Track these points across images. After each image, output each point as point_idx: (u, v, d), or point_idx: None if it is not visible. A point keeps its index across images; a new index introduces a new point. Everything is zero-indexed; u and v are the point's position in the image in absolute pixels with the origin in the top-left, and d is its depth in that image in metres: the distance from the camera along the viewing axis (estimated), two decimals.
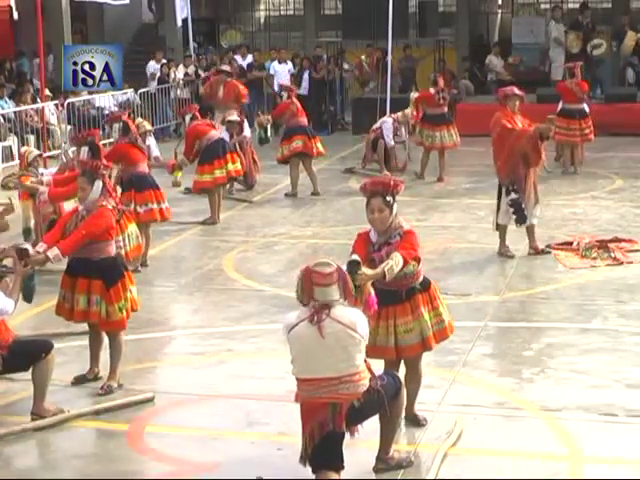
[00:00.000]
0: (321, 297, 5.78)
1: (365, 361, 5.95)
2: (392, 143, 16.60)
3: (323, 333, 5.75)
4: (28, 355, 7.15)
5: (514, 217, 11.22)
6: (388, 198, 6.56)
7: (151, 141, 12.54)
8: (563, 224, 12.90)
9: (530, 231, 11.41)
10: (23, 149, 12.06)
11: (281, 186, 15.91)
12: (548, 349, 8.53)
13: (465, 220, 13.33)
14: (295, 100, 15.72)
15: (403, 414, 6.47)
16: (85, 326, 9.28)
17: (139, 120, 12.37)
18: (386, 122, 16.67)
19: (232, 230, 13.15)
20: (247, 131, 15.82)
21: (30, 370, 7.19)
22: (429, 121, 15.99)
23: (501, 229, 11.39)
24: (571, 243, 11.61)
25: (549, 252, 11.39)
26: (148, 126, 12.61)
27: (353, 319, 5.81)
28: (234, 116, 15.03)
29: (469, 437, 6.75)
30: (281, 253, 11.94)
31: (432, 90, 16.08)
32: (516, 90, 11.36)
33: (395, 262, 6.34)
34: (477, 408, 7.25)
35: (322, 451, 5.86)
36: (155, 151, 12.36)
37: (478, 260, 11.31)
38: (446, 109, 16.20)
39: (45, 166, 11.45)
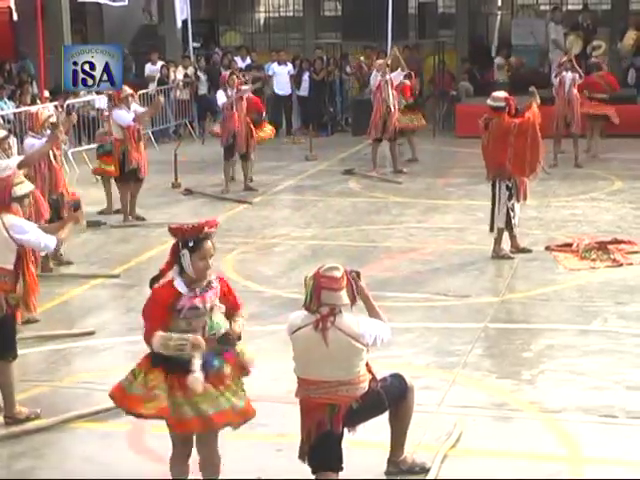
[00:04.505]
0: (330, 301, 5.76)
1: (366, 364, 5.94)
2: (401, 77, 16.90)
3: (327, 341, 5.73)
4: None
5: (514, 221, 11.26)
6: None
7: (134, 105, 12.79)
8: (563, 225, 12.90)
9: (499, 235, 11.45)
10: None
11: (281, 187, 15.90)
12: (548, 350, 8.53)
13: (465, 221, 13.32)
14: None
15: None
16: (85, 327, 9.33)
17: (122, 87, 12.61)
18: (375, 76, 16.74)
19: (232, 231, 13.10)
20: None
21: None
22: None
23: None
24: (571, 244, 11.61)
25: (511, 257, 11.35)
26: (129, 90, 12.78)
27: (357, 330, 5.77)
28: None
29: (469, 438, 6.75)
30: (281, 254, 11.92)
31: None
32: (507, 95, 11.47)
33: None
34: (477, 409, 7.25)
35: (320, 451, 5.86)
36: (139, 110, 12.66)
37: (478, 261, 11.30)
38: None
39: None
